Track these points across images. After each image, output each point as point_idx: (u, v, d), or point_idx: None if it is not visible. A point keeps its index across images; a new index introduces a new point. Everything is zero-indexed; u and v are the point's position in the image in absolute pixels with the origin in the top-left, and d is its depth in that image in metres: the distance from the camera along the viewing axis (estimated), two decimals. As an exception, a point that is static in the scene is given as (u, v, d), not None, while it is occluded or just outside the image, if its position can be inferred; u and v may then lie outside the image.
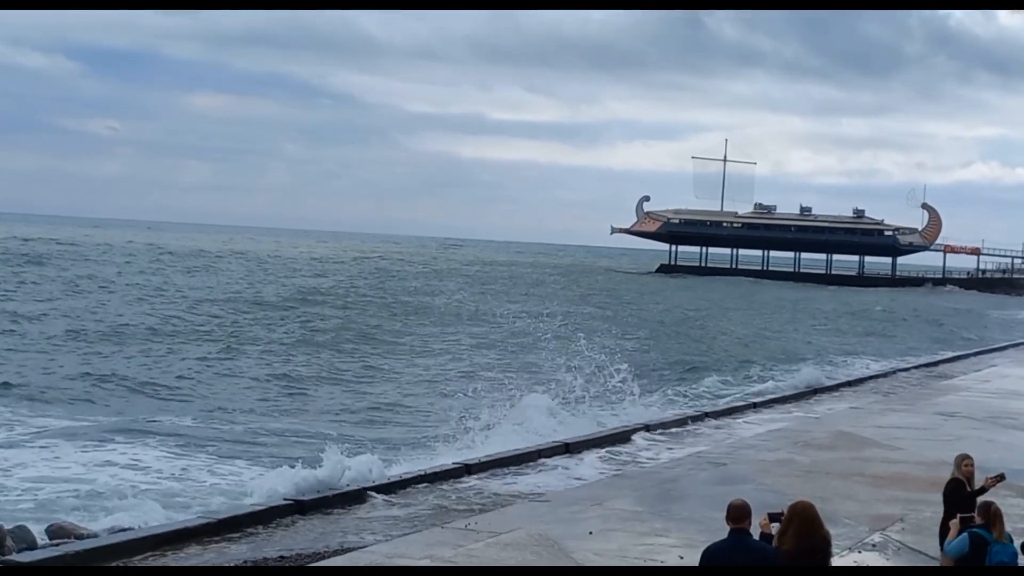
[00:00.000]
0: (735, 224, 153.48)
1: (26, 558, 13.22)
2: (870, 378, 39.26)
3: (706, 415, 27.94)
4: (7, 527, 14.94)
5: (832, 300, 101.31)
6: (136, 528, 15.53)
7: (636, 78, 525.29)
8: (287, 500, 16.85)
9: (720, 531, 8.16)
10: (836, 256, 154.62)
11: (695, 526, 14.87)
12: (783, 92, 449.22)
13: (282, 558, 13.76)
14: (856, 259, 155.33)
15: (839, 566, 12.01)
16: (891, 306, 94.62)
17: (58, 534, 15.26)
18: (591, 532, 14.68)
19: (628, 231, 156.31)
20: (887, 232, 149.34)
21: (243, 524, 15.42)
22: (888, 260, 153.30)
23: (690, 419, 27.20)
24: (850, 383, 37.26)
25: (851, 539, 14.63)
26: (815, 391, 34.34)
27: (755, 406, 30.34)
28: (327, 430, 26.35)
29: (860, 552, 14.23)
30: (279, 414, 28.87)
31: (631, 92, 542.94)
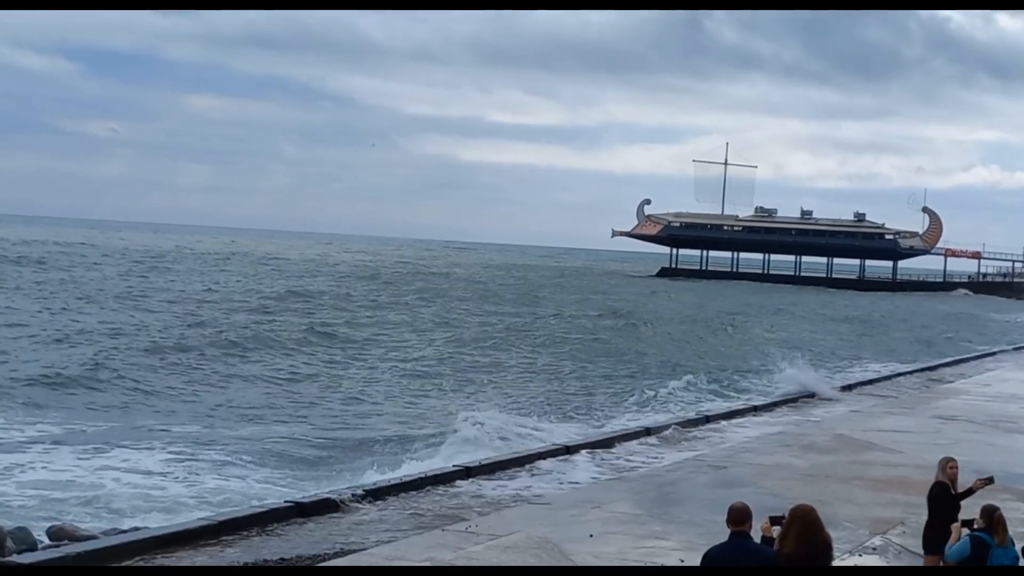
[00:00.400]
0: (736, 227, 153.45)
1: (26, 559, 13.22)
2: (869, 381, 39.24)
3: (706, 418, 27.93)
4: (7, 528, 14.95)
5: (833, 304, 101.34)
6: (136, 530, 15.53)
7: (636, 81, 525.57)
8: (287, 502, 16.86)
9: (720, 534, 8.16)
10: (837, 260, 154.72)
11: (695, 529, 14.86)
12: (783, 95, 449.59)
13: (282, 560, 13.75)
14: (857, 263, 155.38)
15: (840, 566, 12.03)
16: (890, 310, 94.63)
17: (58, 535, 15.25)
18: (591, 535, 14.68)
19: (629, 234, 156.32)
20: (888, 236, 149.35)
21: (243, 526, 15.41)
22: (889, 264, 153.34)
23: (690, 422, 27.19)
24: (850, 386, 37.25)
25: (851, 542, 14.63)
26: (814, 394, 34.32)
27: (755, 409, 30.35)
28: (324, 433, 26.34)
29: (860, 555, 14.23)
30: (277, 417, 28.83)
31: (631, 95, 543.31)
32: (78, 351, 38.03)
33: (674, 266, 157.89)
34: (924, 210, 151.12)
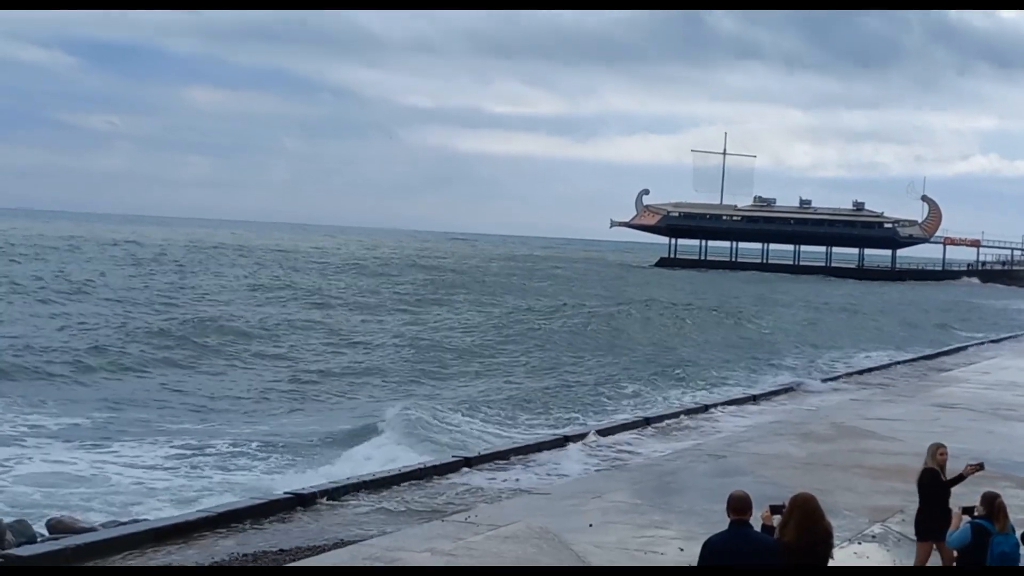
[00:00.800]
0: (735, 217, 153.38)
1: (26, 552, 13.20)
2: (869, 370, 39.25)
3: (706, 407, 27.93)
4: (7, 521, 14.95)
5: (834, 294, 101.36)
6: (135, 522, 15.51)
7: (634, 71, 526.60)
8: (287, 493, 16.85)
9: (720, 523, 8.14)
10: (836, 249, 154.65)
11: (695, 518, 14.85)
12: (782, 85, 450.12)
13: (281, 552, 13.73)
14: (856, 251, 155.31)
15: (841, 566, 12.03)
16: (895, 299, 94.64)
17: (57, 528, 15.25)
18: (591, 524, 14.66)
19: (628, 224, 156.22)
20: (887, 224, 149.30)
21: (243, 518, 15.40)
22: (888, 252, 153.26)
23: (689, 412, 27.19)
24: (849, 374, 37.26)
25: (851, 531, 14.62)
26: (814, 382, 34.33)
27: (754, 398, 30.34)
28: (322, 425, 26.34)
29: (860, 543, 14.23)
30: (278, 411, 28.82)
31: (629, 85, 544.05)
32: (88, 340, 38.04)
33: (673, 256, 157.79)
34: (923, 199, 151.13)
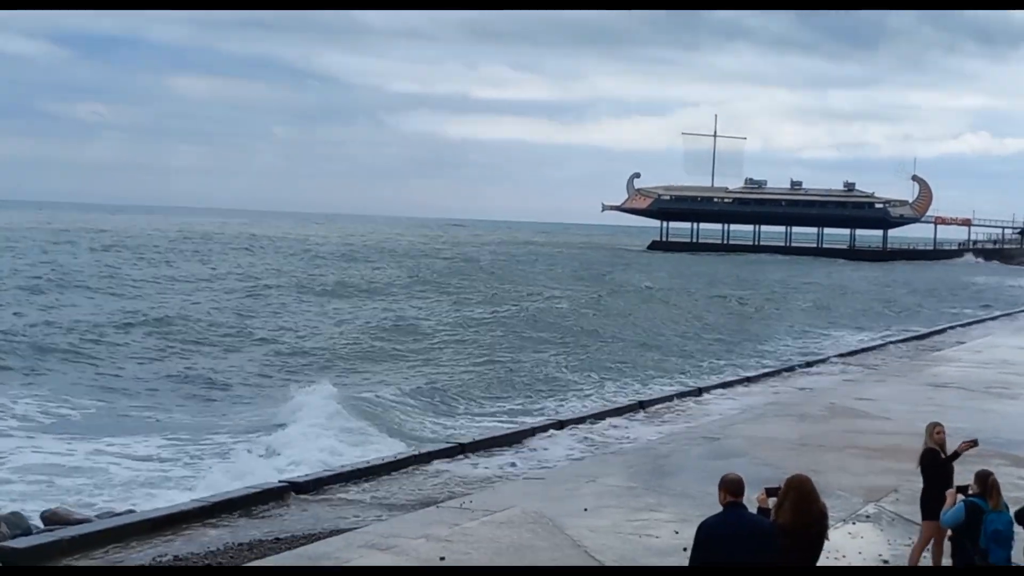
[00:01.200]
0: (726, 199, 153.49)
1: (21, 543, 13.19)
2: (861, 350, 39.33)
3: (700, 390, 27.97)
4: (1, 513, 14.93)
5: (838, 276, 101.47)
6: (130, 512, 15.50)
7: (623, 54, 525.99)
8: (282, 482, 16.85)
9: (715, 506, 8.15)
10: (827, 229, 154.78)
11: (689, 501, 14.88)
12: (771, 66, 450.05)
13: (277, 540, 13.73)
14: (847, 232, 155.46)
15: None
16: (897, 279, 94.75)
17: (52, 520, 15.23)
18: (586, 509, 14.68)
19: (619, 208, 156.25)
20: (878, 205, 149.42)
21: (237, 506, 15.40)
22: (879, 233, 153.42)
23: (682, 395, 27.23)
24: (841, 355, 37.33)
25: (845, 511, 14.67)
26: (807, 364, 34.42)
27: (747, 380, 30.38)
28: (314, 415, 26.27)
29: (854, 523, 14.27)
30: (274, 398, 28.76)
31: (618, 68, 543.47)
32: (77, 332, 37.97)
33: (665, 239, 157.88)
34: (914, 178, 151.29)
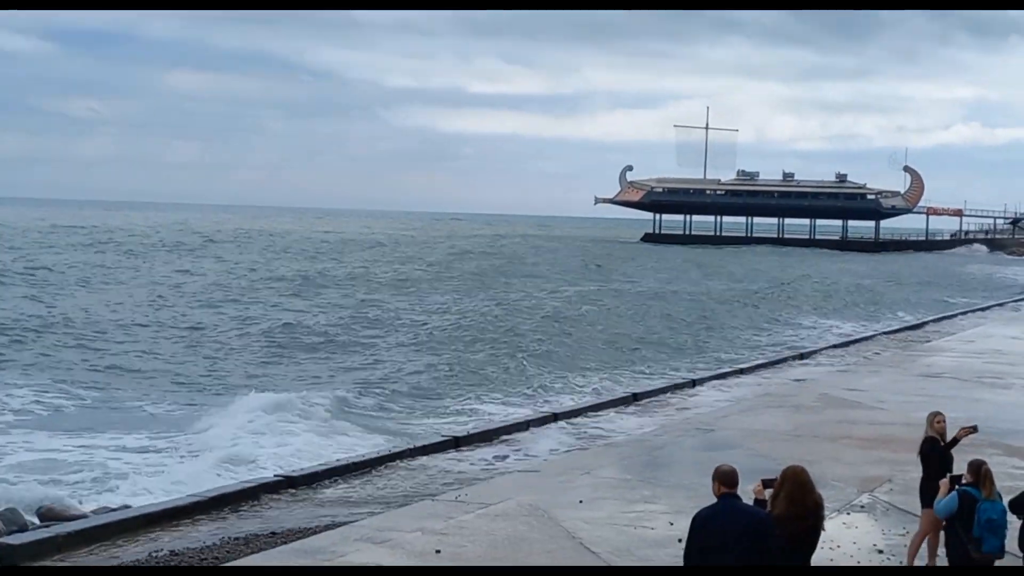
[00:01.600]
0: (718, 191, 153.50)
1: (17, 540, 13.19)
2: (854, 341, 39.40)
3: (693, 382, 28.02)
4: (-3, 510, 14.94)
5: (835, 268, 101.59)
6: (125, 508, 15.51)
7: (616, 47, 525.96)
8: (277, 476, 16.88)
9: (710, 497, 8.17)
10: (819, 221, 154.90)
11: (684, 492, 14.91)
12: (763, 58, 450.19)
13: (273, 534, 13.74)
14: (839, 223, 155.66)
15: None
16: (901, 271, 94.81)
17: (48, 516, 15.25)
18: (581, 501, 14.71)
19: (612, 201, 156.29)
20: (870, 196, 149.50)
21: (233, 501, 15.43)
22: (871, 224, 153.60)
23: (676, 387, 27.29)
24: (834, 346, 37.41)
25: (840, 501, 14.70)
26: (800, 355, 34.48)
27: (740, 371, 30.46)
28: (311, 407, 26.29)
29: (849, 514, 14.31)
30: (268, 387, 28.73)
31: (611, 60, 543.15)
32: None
33: (657, 232, 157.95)
34: (905, 169, 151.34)
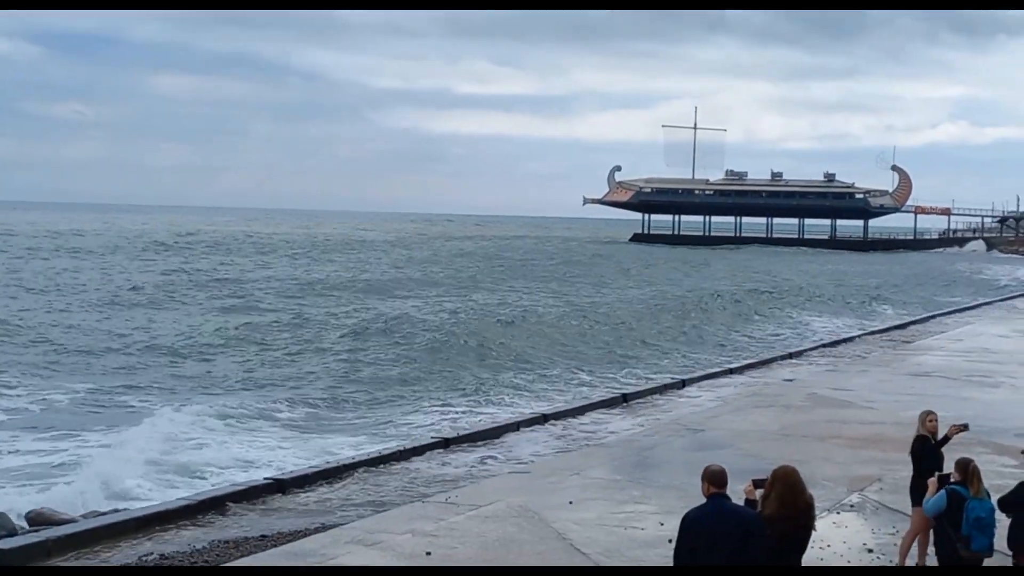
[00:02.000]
0: (707, 191, 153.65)
1: (6, 544, 13.17)
2: (844, 340, 39.47)
3: (683, 382, 28.05)
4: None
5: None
6: (115, 512, 15.47)
7: (604, 47, 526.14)
8: (267, 479, 16.87)
9: (699, 497, 8.18)
10: (808, 220, 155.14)
11: (674, 493, 14.92)
12: (752, 58, 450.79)
13: (263, 538, 13.74)
14: (828, 223, 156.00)
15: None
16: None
17: (37, 520, 15.20)
18: (571, 502, 14.72)
19: (600, 201, 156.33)
20: (858, 195, 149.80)
21: (223, 504, 15.41)
22: (860, 223, 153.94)
23: (666, 387, 27.32)
24: (824, 345, 37.47)
25: (830, 500, 14.73)
26: (789, 355, 34.53)
27: (730, 371, 30.50)
28: (293, 409, 26.29)
29: (839, 513, 14.34)
30: (250, 386, 28.70)
31: (599, 61, 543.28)
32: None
33: (646, 232, 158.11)
34: (894, 168, 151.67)
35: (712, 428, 20.54)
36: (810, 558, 9.64)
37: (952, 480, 10.23)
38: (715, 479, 8.09)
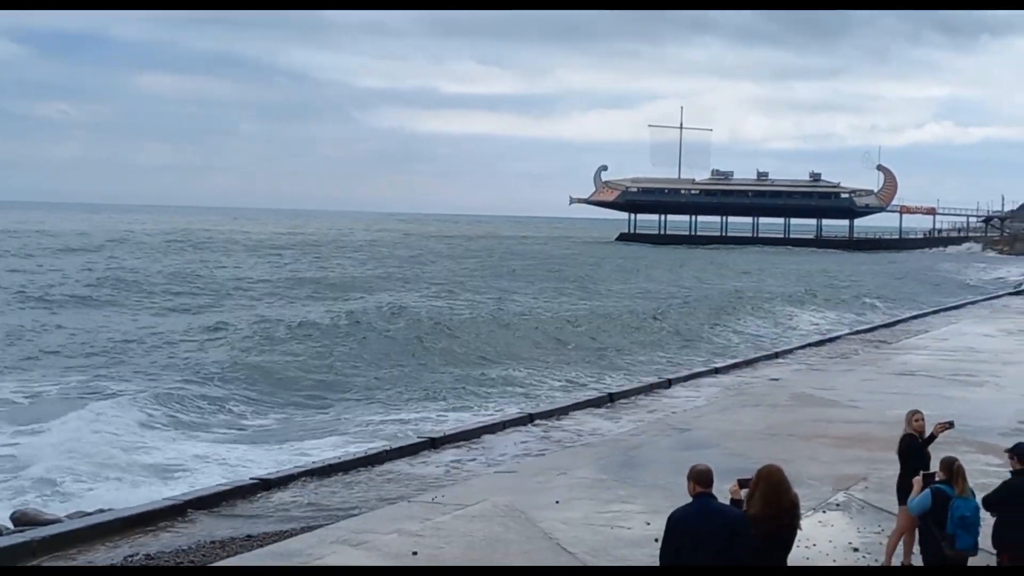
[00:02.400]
0: (693, 191, 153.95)
1: (-9, 546, 13.11)
2: (829, 339, 39.53)
3: (669, 381, 28.05)
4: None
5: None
6: (101, 512, 15.41)
7: (589, 47, 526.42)
8: (252, 479, 16.83)
9: (685, 496, 8.20)
10: (794, 220, 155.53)
11: (660, 492, 14.94)
12: (737, 58, 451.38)
13: (249, 538, 13.71)
14: (814, 222, 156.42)
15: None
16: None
17: (22, 521, 15.13)
18: (557, 501, 14.73)
19: (587, 201, 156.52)
20: (844, 195, 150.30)
21: (209, 504, 15.36)
22: (845, 223, 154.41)
23: (651, 387, 27.31)
24: (810, 344, 37.52)
25: (816, 499, 14.77)
26: (775, 354, 34.57)
27: (716, 371, 30.51)
28: (279, 410, 26.26)
29: (825, 512, 14.37)
30: (240, 388, 28.66)
31: (584, 61, 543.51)
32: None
33: (632, 231, 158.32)
34: (879, 168, 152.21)
35: (698, 427, 20.57)
36: (796, 557, 9.67)
37: (937, 479, 10.26)
38: (701, 478, 8.10)
